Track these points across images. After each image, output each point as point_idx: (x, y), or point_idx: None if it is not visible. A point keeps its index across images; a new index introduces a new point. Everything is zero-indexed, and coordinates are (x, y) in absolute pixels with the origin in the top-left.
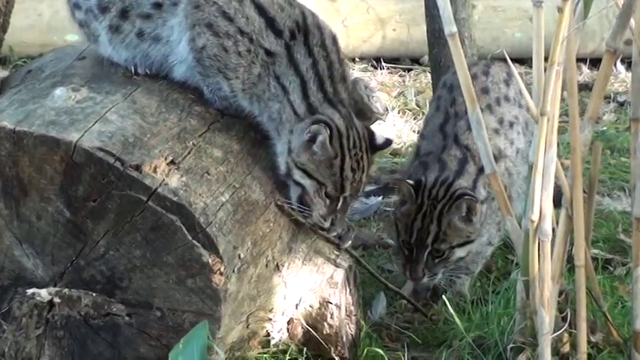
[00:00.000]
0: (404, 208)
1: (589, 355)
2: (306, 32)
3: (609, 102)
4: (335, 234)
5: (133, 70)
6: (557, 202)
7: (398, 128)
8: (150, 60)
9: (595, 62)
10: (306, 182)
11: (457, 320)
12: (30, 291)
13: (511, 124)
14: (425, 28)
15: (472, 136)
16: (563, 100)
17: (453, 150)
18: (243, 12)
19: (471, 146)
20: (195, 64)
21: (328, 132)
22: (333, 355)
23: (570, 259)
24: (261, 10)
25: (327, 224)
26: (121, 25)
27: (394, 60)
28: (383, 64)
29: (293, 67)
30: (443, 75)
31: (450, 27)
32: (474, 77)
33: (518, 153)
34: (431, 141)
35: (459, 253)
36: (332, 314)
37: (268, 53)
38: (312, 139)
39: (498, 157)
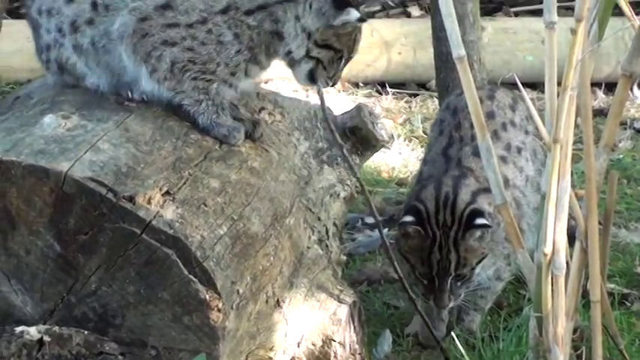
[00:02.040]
0: (413, 242)
1: None
2: None
3: (625, 128)
4: (331, 85)
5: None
6: (571, 235)
7: (404, 157)
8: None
9: (610, 87)
10: (325, 54)
11: (467, 358)
12: (18, 329)
13: (519, 150)
14: (432, 51)
15: (476, 161)
16: (577, 126)
17: (453, 171)
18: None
19: (474, 168)
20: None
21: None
22: None
23: (585, 294)
24: None
25: (330, 83)
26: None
27: (400, 85)
28: (388, 89)
29: None
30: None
31: (458, 50)
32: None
33: (528, 181)
34: (433, 165)
35: (477, 269)
36: (335, 353)
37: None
38: (346, 25)
39: (507, 185)
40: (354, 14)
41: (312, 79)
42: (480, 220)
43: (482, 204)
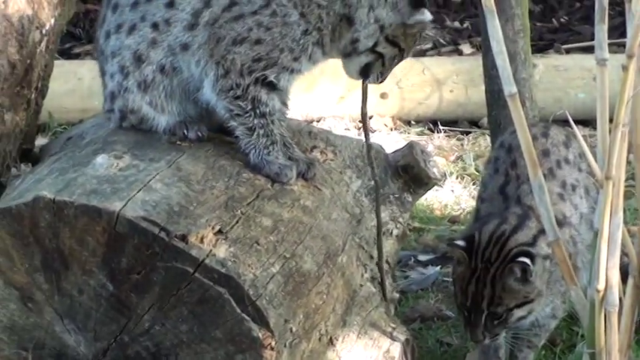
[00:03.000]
0: (459, 269)
1: None
2: None
3: None
4: (379, 82)
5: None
6: (624, 272)
7: (456, 194)
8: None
9: None
10: (389, 50)
11: None
12: None
13: (573, 188)
14: (483, 88)
15: None
16: (629, 163)
17: (514, 208)
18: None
19: (535, 207)
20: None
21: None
22: None
23: (638, 331)
24: None
25: (379, 81)
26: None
27: (452, 123)
28: (440, 127)
29: None
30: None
31: (509, 87)
32: (533, 139)
33: (582, 219)
34: (491, 203)
35: (519, 313)
36: None
37: None
38: (419, 24)
39: (563, 223)
40: (427, 15)
41: (363, 72)
42: (521, 258)
43: (542, 246)
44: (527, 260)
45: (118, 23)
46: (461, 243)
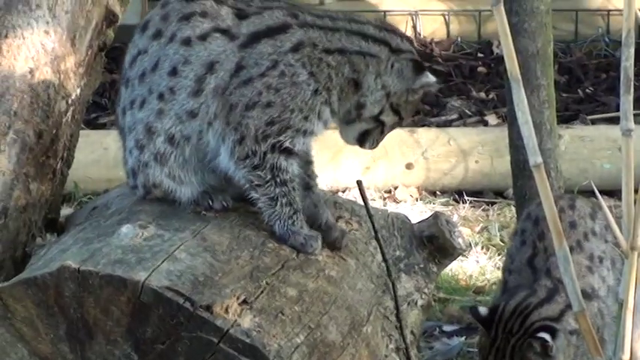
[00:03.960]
0: (482, 339)
1: None
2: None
3: None
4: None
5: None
6: None
7: (481, 265)
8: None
9: None
10: (390, 118)
11: None
12: None
13: (601, 260)
14: (509, 159)
15: None
16: None
17: (544, 281)
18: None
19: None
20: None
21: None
22: None
23: None
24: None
25: (373, 147)
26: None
27: (477, 193)
28: (465, 197)
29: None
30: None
31: (535, 158)
32: (560, 211)
33: (609, 291)
34: (519, 275)
35: None
36: None
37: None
38: (423, 87)
39: (592, 296)
40: (431, 77)
41: (360, 139)
42: (541, 334)
43: (569, 321)
44: (546, 336)
45: (132, 99)
46: (482, 312)
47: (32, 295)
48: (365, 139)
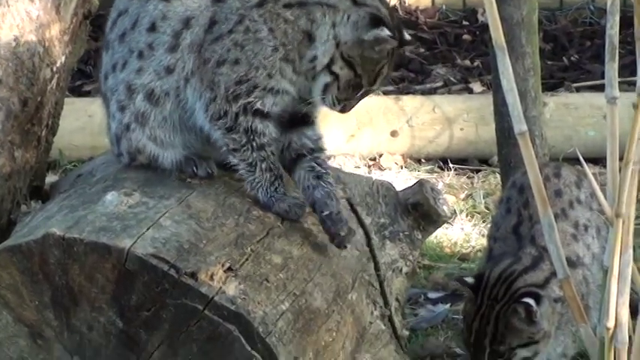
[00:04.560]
0: (467, 306)
1: None
2: None
3: None
4: (339, 110)
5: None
6: (633, 310)
7: (466, 232)
8: None
9: None
10: (344, 72)
11: None
12: None
13: (586, 228)
14: (494, 127)
15: None
16: (639, 201)
17: (529, 248)
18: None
19: None
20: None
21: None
22: None
23: None
24: None
25: (337, 107)
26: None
27: (462, 161)
28: (450, 165)
29: None
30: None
31: (520, 125)
32: (545, 179)
33: (594, 259)
34: (504, 242)
35: (523, 353)
36: None
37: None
38: (377, 41)
39: (577, 264)
40: (386, 32)
41: (323, 97)
42: (525, 299)
43: (554, 289)
44: (530, 301)
45: (113, 63)
46: (469, 280)
47: (17, 262)
48: (325, 94)
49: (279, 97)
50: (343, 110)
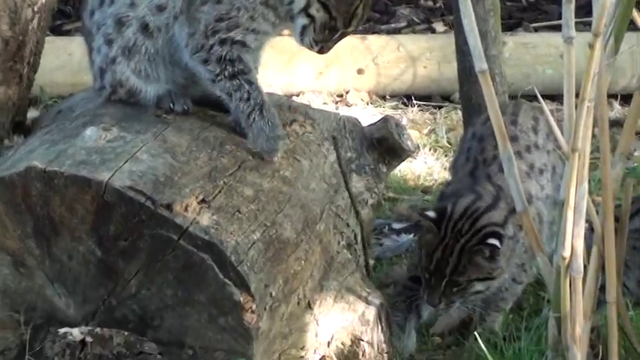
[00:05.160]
0: (428, 236)
1: None
2: None
3: None
4: (317, 50)
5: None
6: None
7: (429, 165)
8: None
9: (626, 98)
10: (320, 15)
11: (489, 357)
12: (62, 330)
13: (541, 171)
14: (455, 65)
15: (504, 178)
16: (594, 136)
17: (487, 185)
18: None
19: (504, 187)
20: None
21: None
22: None
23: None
24: None
25: (315, 48)
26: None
27: (425, 97)
28: (414, 101)
29: None
30: (473, 115)
31: (480, 64)
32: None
33: (547, 199)
34: (460, 182)
35: (478, 287)
36: (364, 352)
37: None
38: None
39: (530, 201)
40: None
41: (301, 38)
42: (492, 240)
43: (510, 228)
44: (497, 242)
45: None
46: (431, 214)
47: (0, 194)
48: (303, 36)
49: (260, 36)
50: (321, 51)
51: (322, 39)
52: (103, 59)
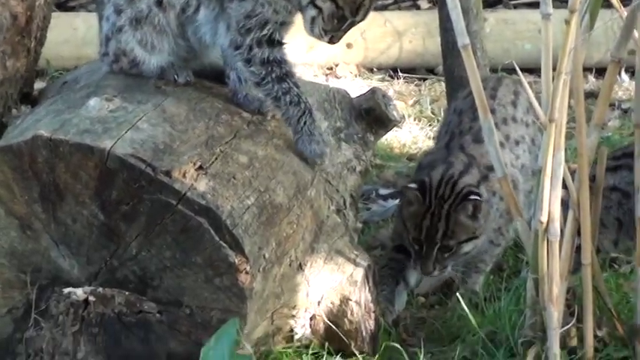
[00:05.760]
0: (412, 208)
1: (595, 348)
2: None
3: (614, 109)
4: (327, 40)
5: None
6: (564, 205)
7: (414, 135)
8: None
9: (600, 71)
10: (326, 5)
11: (470, 316)
12: (66, 290)
13: (517, 142)
14: (439, 40)
15: (477, 148)
16: (570, 107)
17: (460, 155)
18: None
19: (477, 156)
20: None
21: None
22: (354, 350)
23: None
24: None
25: (325, 38)
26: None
27: (410, 70)
28: (400, 74)
29: None
30: (456, 87)
31: (462, 39)
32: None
33: (523, 168)
34: (435, 154)
35: (466, 248)
36: (352, 311)
37: None
38: None
39: None
40: None
41: (312, 28)
42: (472, 196)
43: (483, 191)
44: (477, 197)
45: None
46: (413, 185)
47: (9, 160)
48: (313, 27)
49: (286, 28)
50: (331, 41)
51: (331, 29)
52: (110, 27)
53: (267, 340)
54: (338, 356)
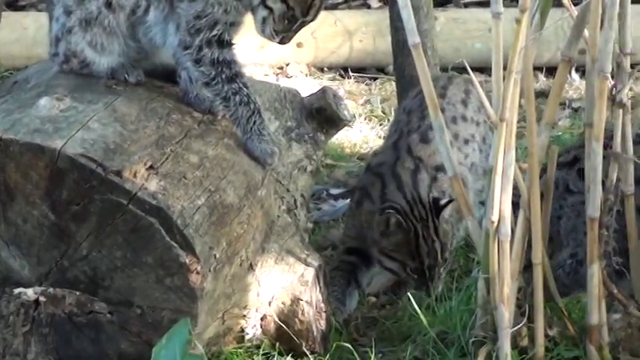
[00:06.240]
0: (396, 238)
1: (546, 348)
2: None
3: (564, 108)
4: (278, 41)
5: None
6: (515, 205)
7: (364, 134)
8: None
9: (551, 71)
10: (277, 6)
11: (421, 316)
12: (17, 290)
13: (466, 141)
14: (390, 39)
15: (424, 148)
16: (520, 106)
17: (407, 162)
18: None
19: (424, 158)
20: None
21: None
22: (305, 350)
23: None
24: None
25: (276, 39)
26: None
27: (361, 69)
28: (350, 73)
29: None
30: (406, 86)
31: (413, 38)
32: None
33: (472, 167)
34: (384, 154)
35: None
36: (303, 311)
37: None
38: None
39: None
40: None
41: (262, 28)
42: (442, 201)
43: (435, 192)
44: (448, 198)
45: None
46: (392, 211)
47: None
48: (264, 27)
49: (236, 28)
50: (282, 42)
51: (282, 29)
52: (60, 28)
53: (218, 340)
54: (289, 356)
